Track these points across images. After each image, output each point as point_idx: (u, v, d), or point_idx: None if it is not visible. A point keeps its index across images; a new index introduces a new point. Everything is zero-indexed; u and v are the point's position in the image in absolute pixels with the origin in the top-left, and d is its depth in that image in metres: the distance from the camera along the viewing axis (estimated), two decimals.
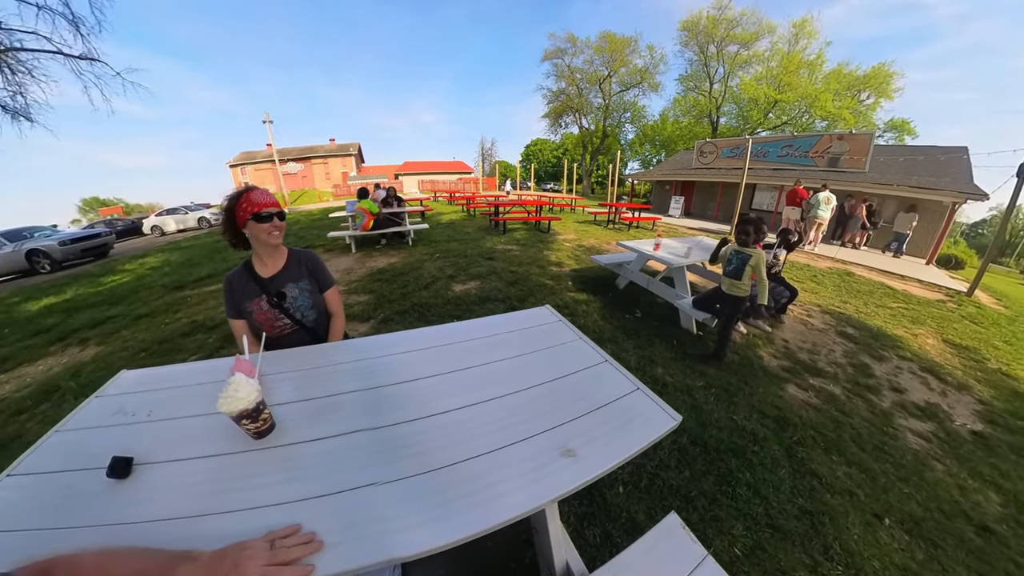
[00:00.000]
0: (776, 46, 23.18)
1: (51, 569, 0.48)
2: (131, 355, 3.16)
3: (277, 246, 1.32)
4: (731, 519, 1.60)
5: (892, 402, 2.72)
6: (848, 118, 20.76)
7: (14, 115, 6.78)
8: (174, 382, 1.07)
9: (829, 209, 7.39)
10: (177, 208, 15.52)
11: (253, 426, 0.79)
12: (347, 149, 34.71)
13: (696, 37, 24.47)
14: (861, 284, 5.52)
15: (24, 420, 2.44)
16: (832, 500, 1.78)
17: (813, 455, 2.06)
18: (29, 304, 5.12)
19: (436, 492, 0.71)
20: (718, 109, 25.69)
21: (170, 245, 9.91)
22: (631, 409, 0.96)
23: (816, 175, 10.14)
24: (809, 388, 2.76)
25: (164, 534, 0.62)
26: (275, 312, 1.30)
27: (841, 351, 3.40)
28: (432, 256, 5.68)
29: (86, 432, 0.88)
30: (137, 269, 6.83)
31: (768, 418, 2.33)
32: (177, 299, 4.54)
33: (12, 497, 0.72)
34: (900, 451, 2.19)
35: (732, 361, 2.95)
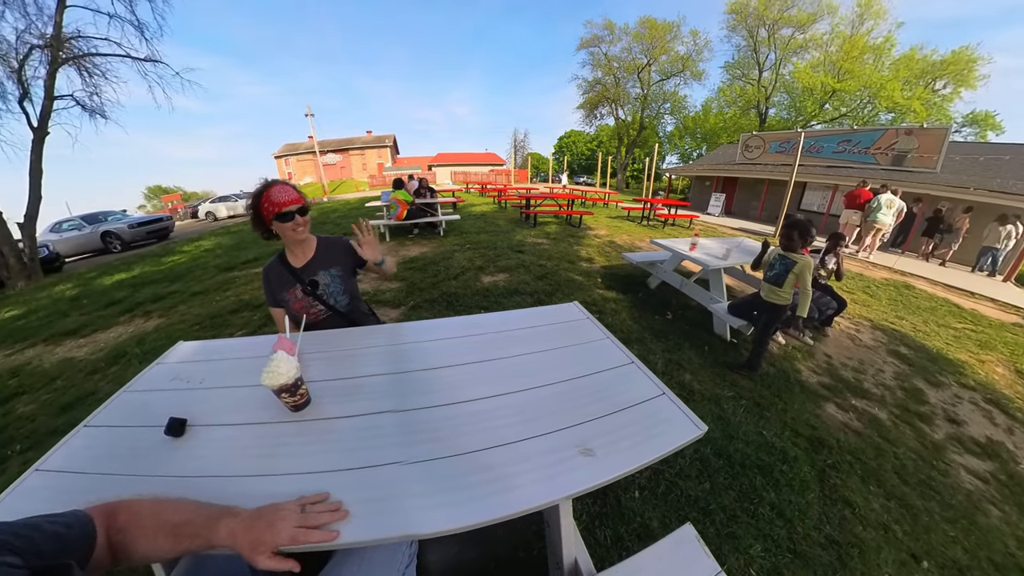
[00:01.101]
0: (837, 28, 20.71)
1: (116, 510, 0.55)
2: (187, 327, 3.47)
3: (302, 242, 1.35)
4: (750, 538, 1.53)
5: (946, 434, 2.46)
6: (919, 110, 18.36)
7: (91, 113, 7.66)
8: (224, 354, 1.17)
9: (891, 214, 6.70)
10: (228, 196, 16.89)
11: (291, 400, 0.85)
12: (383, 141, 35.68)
13: (745, 20, 22.42)
14: (922, 299, 5.02)
15: (97, 379, 2.76)
16: (864, 533, 1.65)
17: (848, 482, 1.91)
18: (103, 279, 5.78)
19: (456, 477, 0.73)
20: (767, 99, 23.65)
21: (221, 230, 10.74)
22: (655, 414, 0.94)
23: (877, 174, 9.18)
24: (850, 409, 2.56)
25: (210, 489, 0.69)
26: (309, 300, 1.37)
27: (891, 372, 3.12)
28: (462, 247, 5.75)
29: (148, 394, 0.99)
30: (193, 251, 7.47)
31: (801, 437, 2.19)
32: (227, 279, 4.91)
33: (88, 444, 0.82)
34: (950, 489, 1.98)
35: (767, 373, 2.80)
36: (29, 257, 6.84)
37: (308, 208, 1.28)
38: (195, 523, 0.55)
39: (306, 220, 1.28)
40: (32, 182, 6.99)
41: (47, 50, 6.80)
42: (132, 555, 0.53)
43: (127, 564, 0.54)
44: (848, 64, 19.63)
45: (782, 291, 2.56)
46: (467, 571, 1.30)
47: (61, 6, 6.73)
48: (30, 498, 0.70)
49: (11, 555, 0.39)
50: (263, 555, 0.53)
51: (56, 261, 8.44)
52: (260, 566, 0.53)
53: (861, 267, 6.50)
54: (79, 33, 7.16)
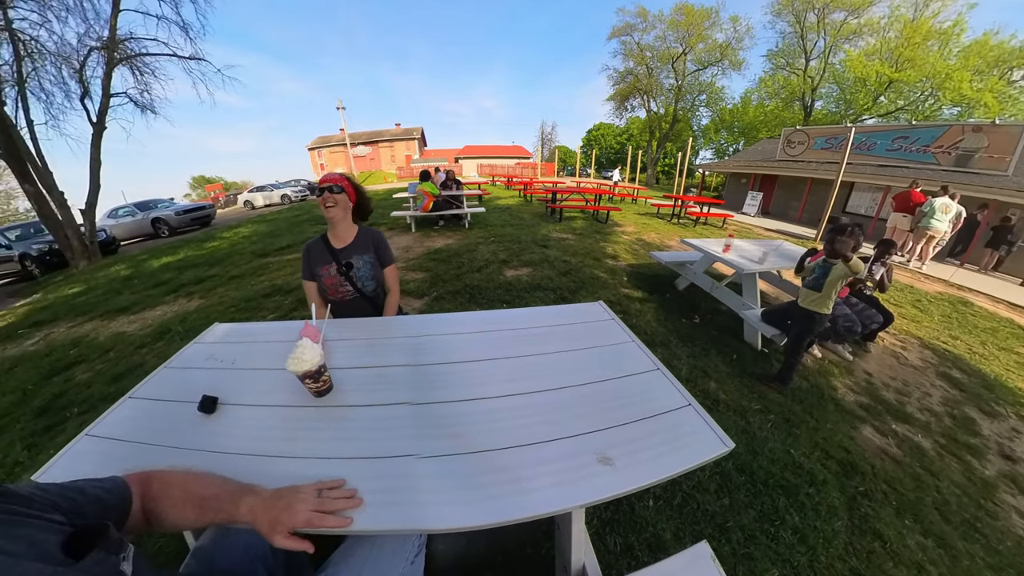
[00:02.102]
0: (897, 11, 18.45)
1: (150, 479, 0.59)
2: (224, 309, 3.69)
3: (333, 220, 1.47)
4: (767, 561, 1.46)
5: (999, 471, 2.21)
6: (991, 104, 16.15)
7: (143, 109, 8.37)
8: (255, 337, 1.24)
9: (947, 220, 6.06)
10: (264, 186, 18.01)
11: (314, 386, 0.88)
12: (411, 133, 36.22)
13: (792, 4, 20.55)
14: (980, 318, 4.57)
15: (144, 353, 3.01)
16: (894, 571, 1.52)
17: (881, 513, 1.77)
18: (152, 261, 6.27)
19: (470, 475, 0.73)
20: (814, 91, 21.75)
21: (258, 218, 11.37)
22: (679, 426, 0.90)
23: (937, 175, 8.30)
24: (890, 434, 2.37)
25: (236, 465, 0.72)
26: (340, 279, 1.50)
27: (939, 397, 2.86)
28: (487, 240, 5.77)
29: (186, 371, 1.06)
30: (232, 237, 7.93)
31: (832, 459, 2.05)
32: (262, 264, 5.18)
33: (131, 415, 0.89)
34: (998, 533, 1.80)
35: (799, 387, 2.64)
36: (89, 240, 7.53)
37: (339, 190, 1.42)
38: (220, 498, 0.58)
39: (336, 199, 1.42)
40: (92, 173, 7.68)
41: (104, 51, 7.43)
42: (163, 522, 0.57)
43: (158, 530, 0.58)
44: (909, 51, 17.51)
45: (820, 298, 2.40)
46: (474, 563, 1.31)
47: (115, 10, 7.30)
48: (80, 460, 0.77)
49: (57, 513, 0.43)
50: (280, 534, 0.56)
51: (112, 244, 9.24)
52: (277, 544, 0.56)
53: (912, 278, 5.99)
54: (131, 35, 7.83)
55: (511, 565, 1.32)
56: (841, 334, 3.01)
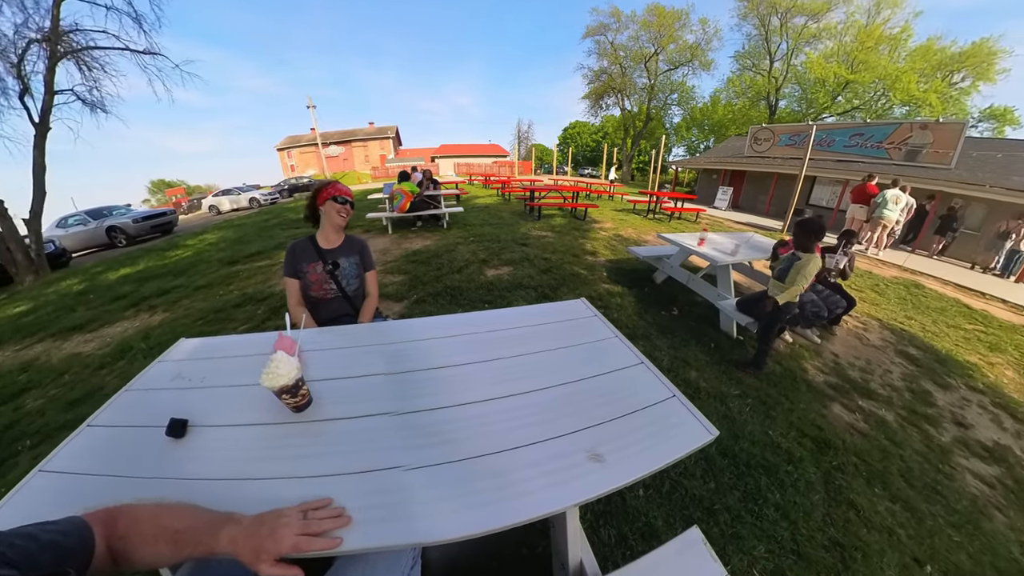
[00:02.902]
0: (852, 17, 20.01)
1: (115, 516, 0.54)
2: (191, 322, 3.47)
3: (340, 226, 1.63)
4: (753, 539, 1.53)
5: (953, 437, 2.42)
6: (935, 104, 17.77)
7: (92, 107, 7.65)
8: (225, 352, 1.16)
9: (898, 209, 6.53)
10: (231, 189, 16.88)
11: (292, 401, 0.84)
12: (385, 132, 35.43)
13: (757, 8, 21.72)
14: (931, 299, 4.94)
15: (104, 375, 2.78)
16: (868, 536, 1.64)
17: (853, 484, 1.90)
18: (109, 274, 5.80)
19: (461, 482, 0.72)
20: (778, 91, 23.04)
21: (225, 223, 10.72)
22: (665, 418, 0.92)
23: (889, 169, 8.95)
24: (857, 410, 2.53)
25: (211, 492, 0.68)
26: (325, 276, 1.59)
27: (899, 373, 3.08)
28: (466, 240, 5.72)
29: (151, 393, 0.98)
30: (197, 244, 7.48)
31: (807, 437, 2.17)
32: (231, 273, 4.91)
33: (91, 445, 0.82)
34: (955, 494, 1.96)
35: (773, 371, 2.77)
36: (35, 253, 6.88)
37: (354, 207, 1.66)
38: (196, 529, 0.54)
39: (351, 212, 1.63)
40: (36, 178, 6.99)
41: (45, 44, 6.73)
42: (133, 561, 0.53)
43: (129, 569, 0.53)
44: (863, 55, 18.99)
45: (786, 287, 2.53)
46: (470, 567, 1.30)
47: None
48: (34, 500, 0.70)
49: (7, 568, 0.38)
50: (265, 563, 0.53)
51: (62, 256, 8.50)
52: (263, 573, 0.53)
53: (870, 264, 6.40)
54: (77, 26, 7.10)
55: (508, 566, 1.32)
56: (809, 319, 3.17)
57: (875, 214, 6.70)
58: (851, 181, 9.45)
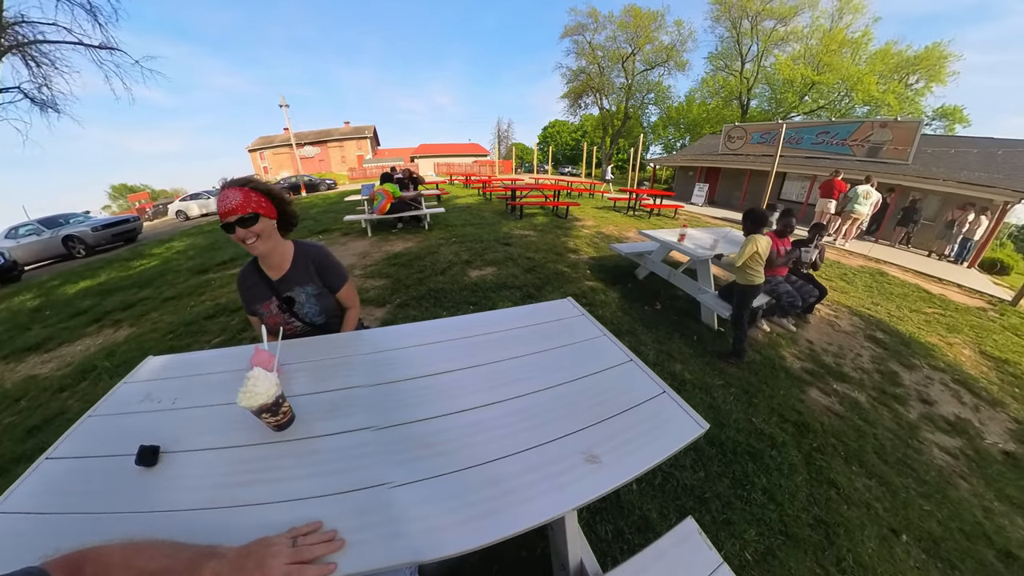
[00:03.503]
0: (817, 21, 21.26)
1: (82, 563, 0.48)
2: (160, 336, 3.29)
3: (264, 254, 1.18)
4: (744, 523, 1.58)
5: (919, 414, 2.59)
6: (893, 104, 19.11)
7: (42, 107, 7.04)
8: (198, 369, 1.09)
9: (868, 204, 6.91)
10: (200, 193, 15.94)
11: (273, 419, 0.79)
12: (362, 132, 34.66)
13: (729, 11, 22.65)
14: (895, 286, 5.24)
15: (66, 398, 2.59)
16: (849, 512, 1.73)
17: (832, 464, 2.00)
18: (67, 287, 5.40)
19: (456, 495, 0.70)
20: (749, 91, 24.08)
21: (194, 229, 10.20)
22: (657, 414, 0.93)
23: (853, 165, 9.48)
24: (832, 393, 2.66)
25: (190, 524, 0.63)
26: (286, 316, 1.28)
27: (868, 356, 3.25)
28: (448, 241, 5.65)
29: (116, 418, 0.91)
30: (164, 253, 7.09)
31: (788, 422, 2.26)
32: (201, 282, 4.66)
33: (50, 480, 0.74)
34: (924, 466, 2.10)
35: (753, 360, 2.86)
36: None
37: (255, 219, 1.08)
38: (175, 569, 0.50)
39: (256, 231, 1.09)
40: None
41: None
42: None
43: None
44: (827, 57, 20.11)
45: (739, 271, 2.74)
46: (469, 573, 1.28)
47: None
48: None
49: None
50: None
51: (13, 270, 7.82)
52: None
53: (838, 255, 6.72)
54: (23, 18, 6.57)
55: (507, 570, 1.31)
56: (785, 309, 3.30)
57: (847, 208, 7.06)
58: (819, 177, 9.91)
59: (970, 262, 7.54)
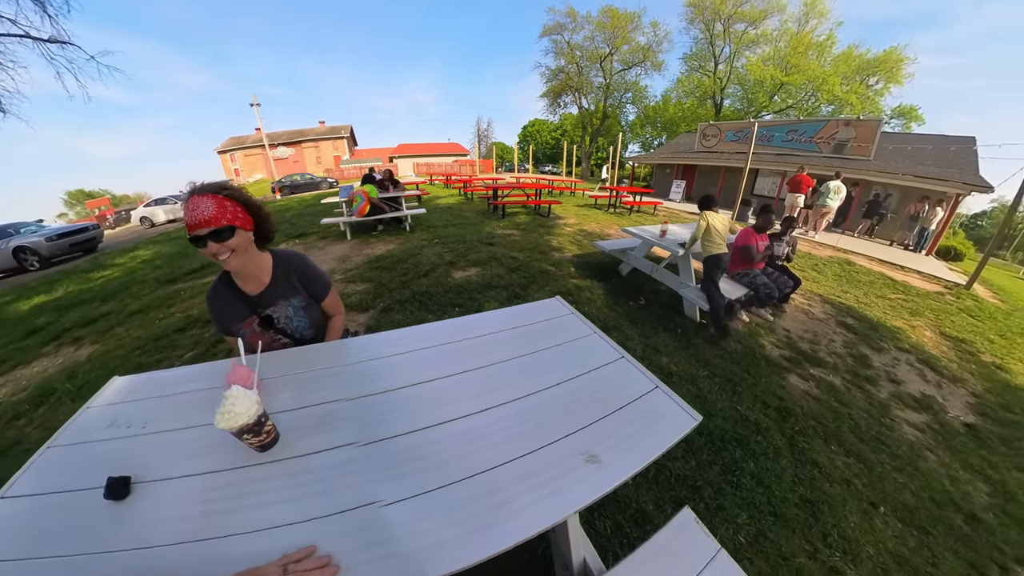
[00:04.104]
0: (785, 25, 22.28)
1: None
2: (126, 353, 3.07)
3: (236, 270, 1.07)
4: (736, 508, 1.64)
5: (889, 393, 2.75)
6: (855, 103, 20.18)
7: None
8: (169, 388, 1.01)
9: (838, 199, 7.30)
10: (166, 198, 14.99)
11: (256, 440, 0.74)
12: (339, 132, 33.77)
13: (703, 13, 23.40)
14: (861, 274, 5.52)
15: (23, 425, 2.38)
16: (831, 489, 1.82)
17: (813, 445, 2.09)
18: (20, 303, 4.98)
19: (454, 508, 0.68)
20: (722, 91, 24.86)
21: (161, 236, 9.64)
22: (652, 409, 0.94)
23: (820, 161, 9.97)
24: (810, 378, 2.78)
25: (170, 560, 0.59)
26: (271, 333, 1.19)
27: (841, 341, 3.41)
28: (431, 242, 5.56)
29: (80, 448, 0.83)
30: (128, 263, 6.65)
31: (771, 408, 2.35)
32: (170, 293, 4.40)
33: (8, 521, 0.67)
34: (896, 442, 2.24)
35: (735, 350, 2.96)
36: None
37: (229, 233, 0.97)
38: None
39: (231, 245, 0.98)
40: None
41: None
42: None
43: None
44: (794, 59, 21.14)
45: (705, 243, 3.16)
46: None
47: None
48: None
49: None
50: None
51: None
52: None
53: (809, 247, 7.03)
54: None
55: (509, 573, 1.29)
56: (763, 300, 3.42)
57: (819, 202, 7.42)
58: (788, 172, 10.34)
59: (927, 250, 8.05)
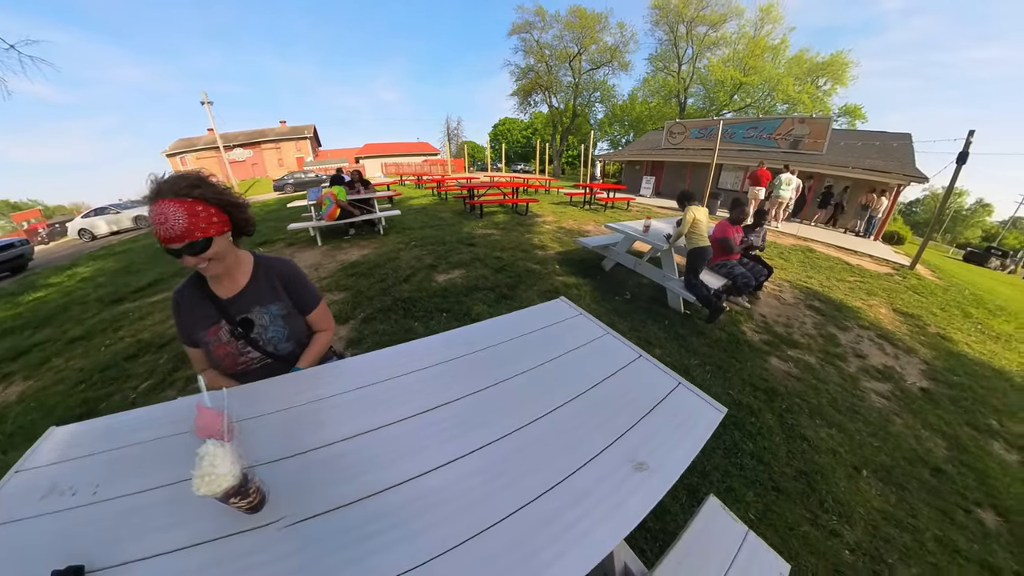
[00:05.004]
0: (743, 29, 23.70)
1: None
2: (67, 389, 2.63)
3: (219, 276, 0.97)
4: (743, 488, 1.70)
5: (857, 367, 2.98)
6: (807, 102, 21.78)
7: None
8: (122, 438, 0.80)
9: (790, 189, 7.79)
10: (106, 207, 13.41)
11: (245, 502, 0.61)
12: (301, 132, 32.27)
13: (667, 16, 24.36)
14: (822, 260, 5.90)
15: None
16: (820, 459, 1.95)
17: (800, 420, 2.22)
18: None
19: (508, 550, 0.57)
20: (686, 90, 26.01)
21: (103, 251, 8.57)
22: (681, 407, 0.90)
23: (779, 156, 10.62)
24: (789, 359, 2.93)
25: None
26: (239, 345, 1.00)
27: (811, 323, 3.62)
28: (408, 245, 5.35)
29: (9, 530, 0.61)
30: (64, 282, 5.88)
31: (759, 390, 2.44)
32: (117, 315, 3.90)
33: None
34: (868, 410, 2.44)
35: (720, 338, 3.05)
36: None
37: (205, 245, 0.86)
38: None
39: (209, 255, 0.88)
40: None
41: None
42: None
43: None
44: (752, 61, 22.57)
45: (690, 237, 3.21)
46: None
47: None
48: None
49: None
50: None
51: None
52: None
53: (774, 236, 7.44)
54: None
55: None
56: (741, 288, 3.55)
57: (774, 194, 7.88)
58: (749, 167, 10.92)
59: (875, 236, 8.76)
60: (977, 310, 4.78)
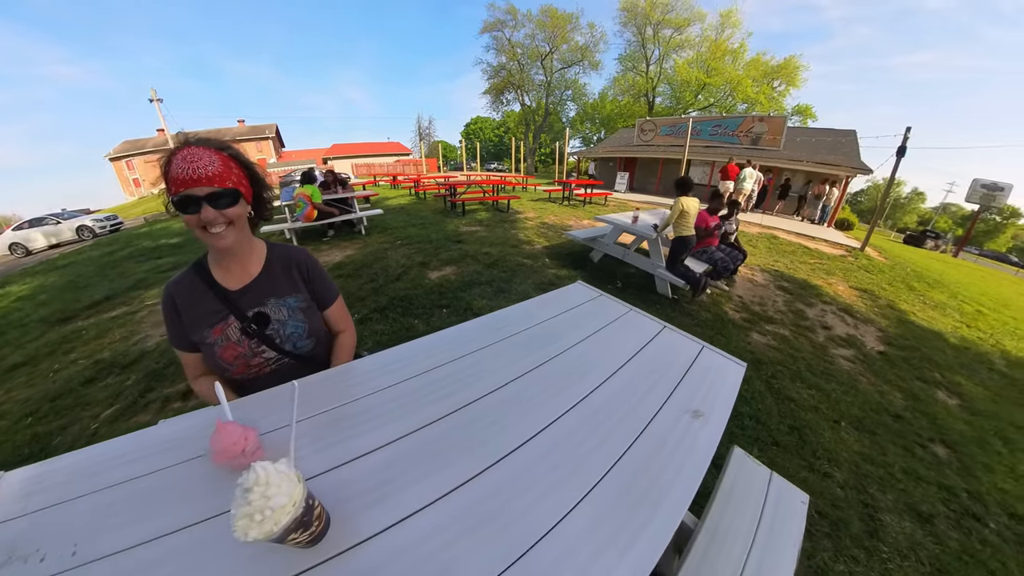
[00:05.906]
0: (706, 32, 25.19)
1: None
2: (11, 425, 2.23)
3: (231, 250, 0.81)
4: (748, 445, 1.91)
5: (825, 337, 3.33)
6: (764, 102, 23.42)
7: None
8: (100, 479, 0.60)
9: (752, 182, 8.39)
10: (44, 218, 12.09)
11: (306, 535, 0.46)
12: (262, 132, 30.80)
13: (635, 18, 25.43)
14: (785, 245, 6.40)
15: None
16: (806, 415, 2.22)
17: (784, 384, 2.51)
18: None
19: (617, 502, 0.59)
20: (654, 89, 27.17)
21: (42, 266, 7.52)
22: (707, 369, 1.00)
23: (742, 152, 11.39)
24: (767, 333, 3.22)
25: None
26: (252, 344, 0.86)
27: (782, 301, 3.96)
28: (393, 244, 5.28)
29: None
30: None
31: (746, 361, 2.68)
32: (66, 335, 3.42)
33: None
34: (838, 372, 2.79)
35: (706, 318, 3.29)
36: None
37: (233, 197, 0.75)
38: None
39: (231, 215, 0.76)
40: None
41: None
42: None
43: None
44: (714, 63, 24.04)
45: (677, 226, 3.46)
46: None
47: None
48: None
49: None
50: None
51: None
52: None
53: (741, 226, 7.96)
54: None
55: None
56: (720, 272, 3.83)
57: (738, 187, 8.44)
58: (717, 163, 11.60)
59: (828, 223, 9.56)
60: (918, 284, 5.40)
